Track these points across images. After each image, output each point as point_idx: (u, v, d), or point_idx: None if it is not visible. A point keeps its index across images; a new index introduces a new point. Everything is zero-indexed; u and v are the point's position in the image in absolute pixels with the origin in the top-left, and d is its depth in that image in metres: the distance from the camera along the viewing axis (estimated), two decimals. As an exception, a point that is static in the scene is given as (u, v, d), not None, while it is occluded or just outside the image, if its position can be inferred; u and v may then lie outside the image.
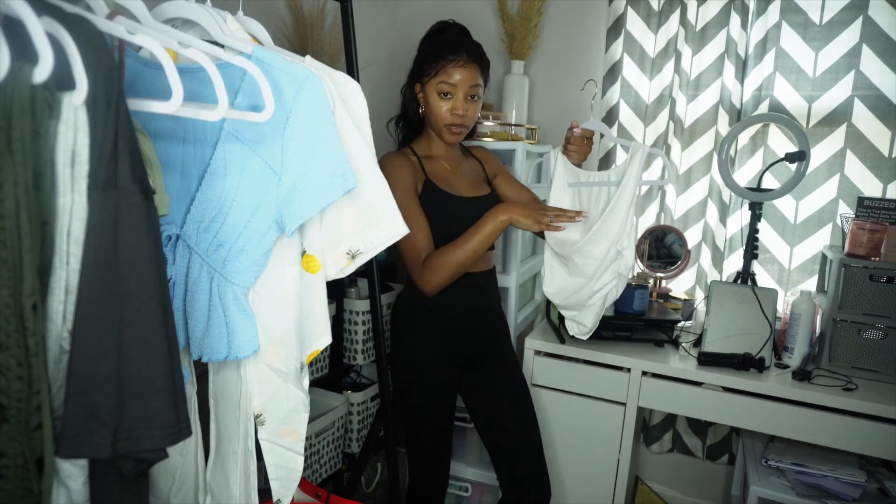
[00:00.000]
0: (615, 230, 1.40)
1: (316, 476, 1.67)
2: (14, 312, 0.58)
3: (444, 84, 1.39)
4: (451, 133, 1.43)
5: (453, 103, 1.40)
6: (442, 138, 1.46)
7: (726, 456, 2.05)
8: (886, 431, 1.44)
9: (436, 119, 1.43)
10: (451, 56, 1.38)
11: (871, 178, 1.79)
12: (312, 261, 0.91)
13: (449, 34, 1.45)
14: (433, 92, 1.41)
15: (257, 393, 0.92)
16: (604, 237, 1.41)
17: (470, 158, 1.58)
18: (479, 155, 1.61)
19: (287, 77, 0.82)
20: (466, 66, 1.38)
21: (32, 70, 0.57)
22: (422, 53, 1.45)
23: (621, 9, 2.00)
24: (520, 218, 1.36)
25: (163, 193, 0.80)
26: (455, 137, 1.44)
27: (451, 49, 1.39)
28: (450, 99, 1.40)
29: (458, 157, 1.55)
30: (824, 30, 1.79)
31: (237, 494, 0.97)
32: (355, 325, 1.74)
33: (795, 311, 1.63)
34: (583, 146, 1.49)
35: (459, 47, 1.39)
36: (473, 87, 1.40)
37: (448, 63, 1.38)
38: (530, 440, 1.51)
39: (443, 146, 1.50)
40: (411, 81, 1.48)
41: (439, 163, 1.48)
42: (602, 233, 1.41)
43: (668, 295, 1.99)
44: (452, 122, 1.41)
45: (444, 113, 1.41)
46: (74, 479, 0.65)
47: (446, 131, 1.43)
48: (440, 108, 1.41)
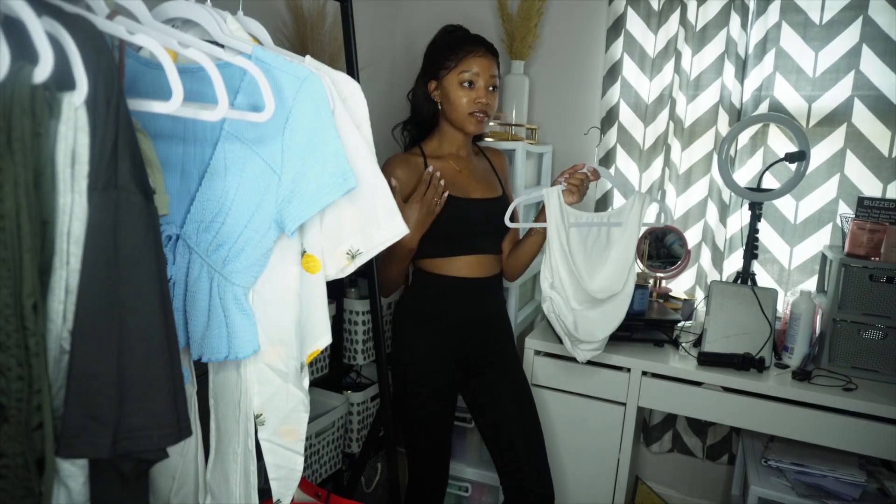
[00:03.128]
0: (619, 269, 1.46)
1: (316, 476, 1.67)
2: (14, 312, 0.58)
3: (465, 73, 1.40)
4: (475, 121, 1.43)
5: (476, 92, 1.41)
6: (465, 129, 1.45)
7: (726, 456, 2.05)
8: (886, 431, 1.44)
9: (457, 111, 1.42)
10: (470, 47, 1.40)
11: (871, 178, 1.79)
12: (312, 261, 0.91)
13: (459, 32, 1.47)
14: (454, 84, 1.41)
15: (257, 393, 0.93)
16: (607, 275, 1.46)
17: (482, 159, 1.57)
18: (493, 157, 1.60)
19: (287, 77, 0.82)
20: (485, 57, 1.41)
21: (32, 70, 0.57)
22: (436, 51, 1.46)
23: (621, 9, 2.00)
24: (419, 224, 1.36)
25: (163, 193, 0.79)
26: (479, 126, 1.44)
27: (469, 42, 1.42)
28: (472, 88, 1.41)
29: (469, 157, 1.53)
30: (824, 30, 1.79)
31: (237, 494, 0.97)
32: (355, 325, 1.74)
33: (795, 311, 1.63)
34: (582, 187, 1.46)
35: (476, 40, 1.42)
36: (493, 77, 1.42)
37: (467, 54, 1.40)
38: (533, 442, 1.51)
39: (454, 144, 1.49)
40: (424, 80, 1.47)
41: (447, 162, 1.48)
42: (606, 271, 1.47)
43: (668, 295, 1.99)
44: (475, 109, 1.41)
45: (467, 102, 1.41)
46: (75, 479, 0.65)
47: (470, 120, 1.43)
48: (462, 98, 1.41)
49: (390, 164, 1.43)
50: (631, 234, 1.47)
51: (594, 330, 1.49)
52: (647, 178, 2.04)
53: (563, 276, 1.44)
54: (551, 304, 1.47)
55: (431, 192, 1.35)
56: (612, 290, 1.46)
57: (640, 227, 1.48)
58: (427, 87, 1.46)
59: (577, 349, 1.54)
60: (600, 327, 1.49)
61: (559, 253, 1.43)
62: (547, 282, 1.46)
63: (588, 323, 1.48)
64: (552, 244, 1.43)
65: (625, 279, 1.46)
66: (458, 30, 1.48)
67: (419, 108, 1.49)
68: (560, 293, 1.46)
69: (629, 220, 1.47)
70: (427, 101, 1.47)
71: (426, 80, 1.47)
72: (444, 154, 1.49)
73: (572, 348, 1.54)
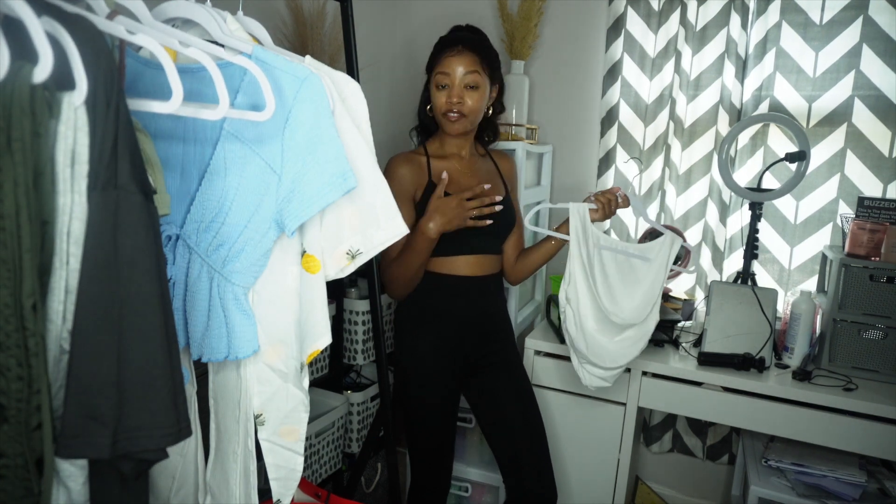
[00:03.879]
0: (644, 302, 1.46)
1: (316, 476, 1.67)
2: (14, 312, 0.58)
3: (440, 75, 1.41)
4: (449, 121, 1.43)
5: (448, 92, 1.41)
6: (444, 130, 1.46)
7: (726, 456, 2.05)
8: (886, 431, 1.43)
9: (436, 111, 1.44)
10: (447, 48, 1.41)
11: (872, 178, 1.79)
12: (312, 261, 0.91)
13: (457, 33, 1.47)
14: (433, 86, 1.43)
15: (257, 393, 0.92)
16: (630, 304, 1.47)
17: (487, 161, 1.57)
18: (499, 160, 1.59)
19: (287, 77, 0.82)
20: (461, 55, 1.39)
21: (32, 70, 0.57)
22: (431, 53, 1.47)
23: (621, 9, 2.00)
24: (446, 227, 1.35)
25: (163, 193, 0.79)
26: (454, 126, 1.43)
27: (448, 43, 1.42)
28: (445, 89, 1.41)
29: (473, 158, 1.53)
30: (824, 30, 1.79)
31: (237, 494, 0.97)
32: (355, 325, 1.74)
33: (795, 311, 1.63)
34: (609, 208, 1.47)
35: (456, 40, 1.42)
36: (469, 75, 1.39)
37: (443, 55, 1.40)
38: (535, 441, 1.51)
39: (454, 144, 1.49)
40: (425, 84, 1.50)
41: (451, 162, 1.48)
42: (629, 301, 1.47)
43: (668, 295, 1.98)
44: (447, 108, 1.41)
45: (442, 102, 1.42)
46: (74, 480, 0.65)
47: (445, 121, 1.43)
48: (438, 100, 1.42)
49: (393, 162, 1.44)
50: (658, 273, 1.47)
51: (604, 355, 1.48)
52: (647, 178, 2.04)
53: (580, 290, 1.46)
54: (566, 316, 1.49)
55: (476, 203, 1.36)
56: (631, 320, 1.46)
57: (668, 270, 1.48)
58: (427, 91, 1.48)
59: (583, 369, 1.53)
60: (611, 356, 1.48)
61: (578, 267, 1.45)
62: (564, 294, 1.49)
63: (599, 347, 1.48)
64: (573, 258, 1.46)
65: (647, 313, 1.46)
66: (460, 30, 1.48)
67: (421, 112, 1.52)
68: (574, 307, 1.47)
69: (658, 258, 1.48)
70: (424, 104, 1.50)
71: (426, 84, 1.49)
72: (447, 154, 1.49)
73: (579, 366, 1.54)
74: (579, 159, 2.18)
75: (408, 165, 1.43)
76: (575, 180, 2.19)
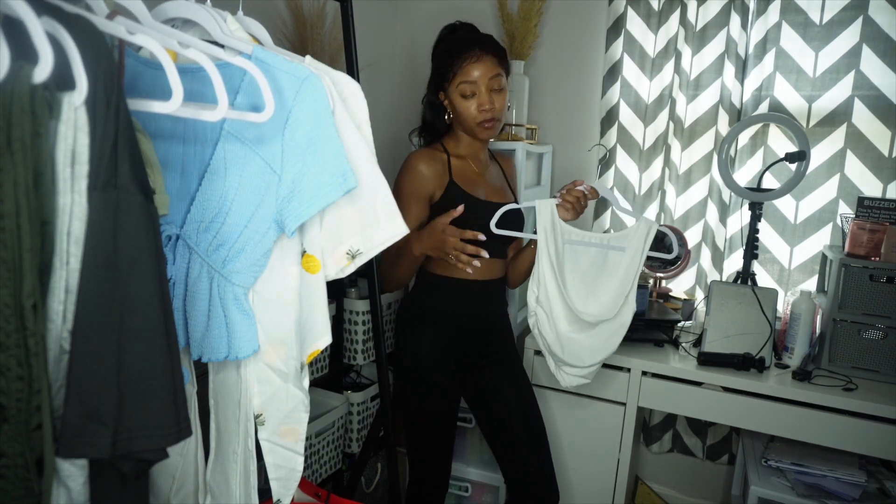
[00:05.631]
0: (616, 296, 1.40)
1: (316, 476, 1.67)
2: (14, 312, 0.58)
3: (464, 84, 1.37)
4: (484, 129, 1.41)
5: (478, 100, 1.38)
6: (477, 137, 1.44)
7: (726, 456, 2.05)
8: (886, 431, 1.44)
9: (466, 121, 1.41)
10: (464, 54, 1.37)
11: (871, 178, 1.79)
12: (312, 261, 0.91)
13: (458, 34, 1.45)
14: (457, 95, 1.39)
15: (257, 393, 0.93)
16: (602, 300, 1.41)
17: (495, 164, 1.57)
18: (503, 163, 1.59)
19: (287, 77, 0.82)
20: (482, 60, 1.37)
21: (32, 70, 0.57)
22: (439, 56, 1.44)
23: (621, 9, 2.00)
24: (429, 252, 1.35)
25: (163, 193, 0.79)
26: (489, 132, 1.42)
27: (463, 48, 1.38)
28: (474, 97, 1.38)
29: (486, 161, 1.53)
30: (824, 30, 1.79)
31: (237, 494, 0.97)
32: (355, 325, 1.74)
33: (795, 311, 1.63)
34: (579, 205, 1.42)
35: (470, 44, 1.38)
36: (494, 79, 1.38)
37: (463, 62, 1.37)
38: (536, 442, 1.51)
39: (470, 147, 1.48)
40: (434, 90, 1.46)
41: (467, 163, 1.47)
42: (601, 295, 1.41)
43: (668, 295, 1.99)
44: (483, 118, 1.39)
45: (473, 111, 1.39)
46: (74, 479, 0.65)
47: (479, 129, 1.41)
48: (467, 108, 1.39)
49: (415, 158, 1.41)
50: (633, 262, 1.40)
51: (581, 353, 1.43)
52: (647, 178, 2.04)
53: (549, 291, 1.41)
54: (536, 319, 1.44)
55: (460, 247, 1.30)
56: (603, 316, 1.41)
57: (644, 256, 1.40)
58: (437, 96, 1.45)
59: (560, 371, 1.49)
60: (588, 352, 1.43)
61: (548, 267, 1.40)
62: (533, 295, 1.43)
63: (574, 345, 1.43)
64: (541, 257, 1.41)
65: (619, 307, 1.40)
66: (457, 29, 1.46)
67: (433, 117, 1.47)
68: (545, 309, 1.42)
69: (631, 245, 1.40)
70: (440, 109, 1.46)
71: (435, 89, 1.45)
72: (464, 155, 1.48)
73: (556, 370, 1.49)
74: (579, 159, 2.18)
75: (430, 163, 1.40)
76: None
